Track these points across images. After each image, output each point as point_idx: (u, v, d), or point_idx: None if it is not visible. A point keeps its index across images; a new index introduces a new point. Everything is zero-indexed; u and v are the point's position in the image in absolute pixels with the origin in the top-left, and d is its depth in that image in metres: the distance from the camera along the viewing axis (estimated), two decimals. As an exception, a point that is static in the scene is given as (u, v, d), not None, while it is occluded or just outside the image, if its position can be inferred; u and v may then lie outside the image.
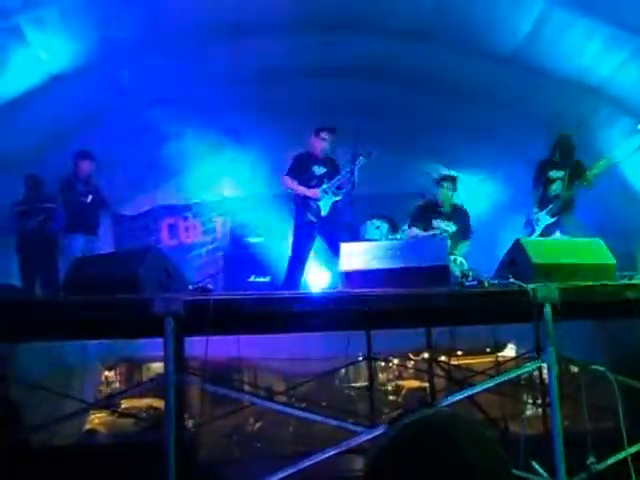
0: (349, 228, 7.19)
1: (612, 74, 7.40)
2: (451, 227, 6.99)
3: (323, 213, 6.76)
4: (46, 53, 7.09)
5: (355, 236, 7.49)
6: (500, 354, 11.10)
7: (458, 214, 7.13)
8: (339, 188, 6.82)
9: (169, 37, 7.35)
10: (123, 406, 10.08)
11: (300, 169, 6.86)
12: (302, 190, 6.79)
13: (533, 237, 6.86)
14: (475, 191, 9.44)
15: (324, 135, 6.86)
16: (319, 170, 6.84)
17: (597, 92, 7.68)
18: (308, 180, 6.80)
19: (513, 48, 7.61)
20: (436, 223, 6.99)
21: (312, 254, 7.05)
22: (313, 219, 6.75)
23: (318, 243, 6.94)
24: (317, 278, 8.28)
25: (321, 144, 6.87)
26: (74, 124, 7.90)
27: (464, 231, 7.04)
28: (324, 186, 6.77)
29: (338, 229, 6.82)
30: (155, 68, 7.54)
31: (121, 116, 7.93)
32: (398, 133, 9.15)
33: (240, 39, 7.66)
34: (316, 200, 6.75)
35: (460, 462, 1.22)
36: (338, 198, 6.79)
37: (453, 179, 7.15)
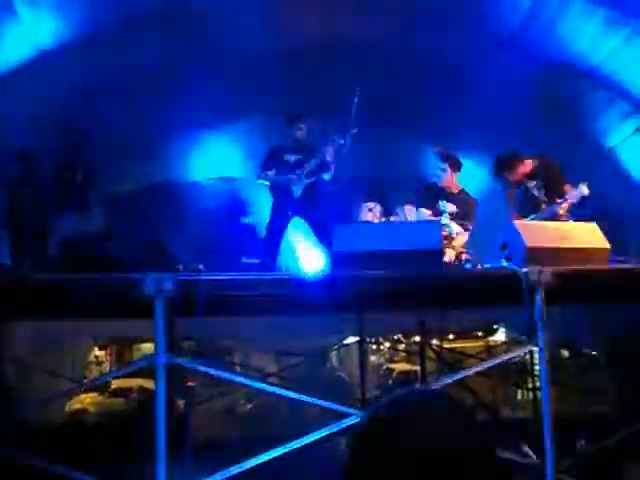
0: (341, 210, 7.26)
1: (609, 57, 7.36)
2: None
3: (297, 195, 6.90)
4: (37, 29, 7.00)
5: (348, 218, 7.52)
6: (491, 338, 11.17)
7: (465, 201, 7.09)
8: (318, 170, 6.95)
9: (161, 12, 7.27)
10: (113, 386, 10.09)
11: (273, 160, 7.12)
12: (274, 179, 7.07)
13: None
14: (472, 174, 9.39)
15: (295, 123, 7.10)
16: (292, 157, 7.05)
17: (594, 75, 7.63)
18: (281, 168, 6.97)
19: (510, 30, 7.55)
20: (442, 205, 6.95)
21: (303, 236, 7.25)
22: (286, 204, 7.00)
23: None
24: (309, 260, 8.28)
25: (293, 132, 7.12)
26: (65, 101, 7.81)
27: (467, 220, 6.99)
28: (297, 172, 6.93)
29: (320, 209, 6.98)
30: (148, 44, 7.47)
31: (112, 92, 7.85)
32: (397, 115, 9.09)
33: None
34: (288, 186, 6.86)
35: (435, 436, 1.22)
36: (311, 180, 6.91)
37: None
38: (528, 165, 6.80)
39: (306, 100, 7.82)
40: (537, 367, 4.58)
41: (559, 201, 6.24)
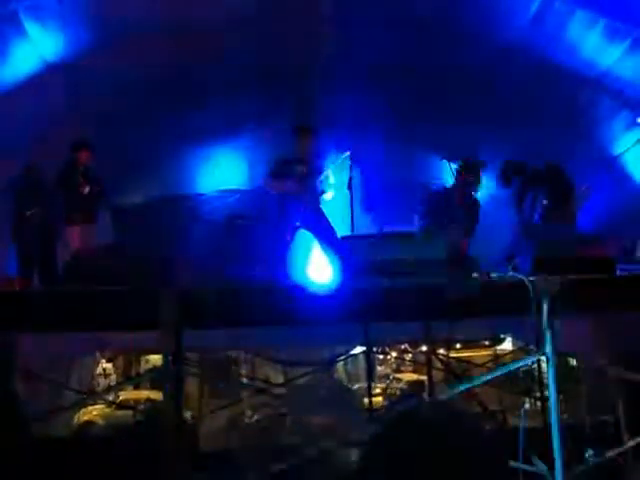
0: (347, 221, 7.26)
1: (612, 66, 7.38)
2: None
3: (304, 206, 6.95)
4: (44, 45, 7.07)
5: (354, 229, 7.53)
6: (499, 347, 11.13)
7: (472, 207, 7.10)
8: (325, 183, 7.00)
9: (169, 25, 7.33)
10: (121, 398, 10.09)
11: (280, 169, 7.07)
12: (282, 187, 6.98)
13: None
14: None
15: (303, 135, 7.07)
16: (299, 168, 7.04)
17: (597, 84, 7.64)
18: (289, 179, 6.97)
19: (514, 39, 7.57)
20: (450, 214, 6.95)
21: (310, 247, 7.22)
22: (294, 215, 6.95)
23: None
24: (316, 271, 8.28)
25: (301, 144, 7.06)
26: (71, 113, 7.86)
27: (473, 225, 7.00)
28: (306, 183, 6.97)
29: (327, 221, 6.98)
30: (157, 54, 7.53)
31: (118, 105, 7.90)
32: (400, 123, 9.10)
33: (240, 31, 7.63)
34: (296, 196, 6.92)
35: (442, 447, 1.23)
36: (319, 191, 6.97)
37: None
38: (535, 173, 6.83)
39: (311, 114, 7.85)
40: (545, 376, 4.58)
41: None
